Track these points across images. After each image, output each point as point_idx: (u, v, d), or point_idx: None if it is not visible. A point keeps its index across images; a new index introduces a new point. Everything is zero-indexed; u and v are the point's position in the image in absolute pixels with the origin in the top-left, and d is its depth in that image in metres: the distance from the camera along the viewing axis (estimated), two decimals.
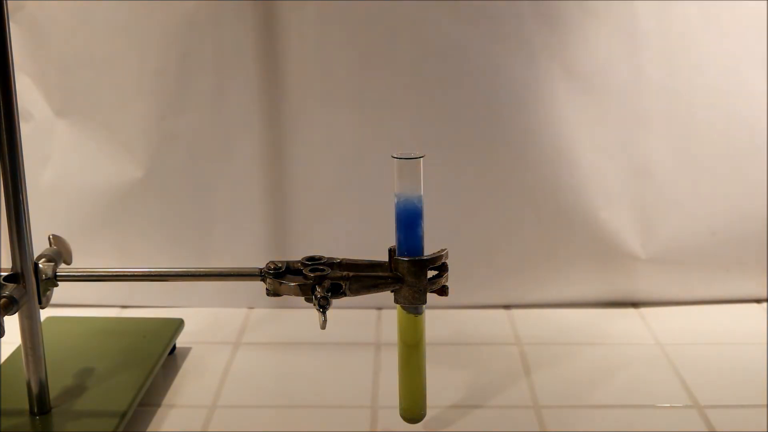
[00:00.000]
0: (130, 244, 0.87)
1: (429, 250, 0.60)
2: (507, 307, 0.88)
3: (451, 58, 0.81)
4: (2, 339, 0.57)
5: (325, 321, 0.58)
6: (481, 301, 0.88)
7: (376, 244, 0.63)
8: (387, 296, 0.61)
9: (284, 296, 0.61)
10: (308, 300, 0.60)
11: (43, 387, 0.63)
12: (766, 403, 0.69)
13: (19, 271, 0.60)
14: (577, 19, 0.81)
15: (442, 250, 0.61)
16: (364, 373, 0.75)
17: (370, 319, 0.85)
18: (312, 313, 0.59)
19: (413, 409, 0.63)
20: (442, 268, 0.61)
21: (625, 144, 0.84)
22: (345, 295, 0.60)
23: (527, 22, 0.81)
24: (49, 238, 0.65)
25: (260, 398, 0.72)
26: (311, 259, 0.61)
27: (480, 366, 0.77)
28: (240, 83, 0.83)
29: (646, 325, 0.84)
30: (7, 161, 0.58)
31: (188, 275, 0.67)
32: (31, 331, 0.62)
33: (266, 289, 0.61)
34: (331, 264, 0.61)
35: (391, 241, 0.61)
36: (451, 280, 0.61)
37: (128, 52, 0.82)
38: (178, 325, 0.78)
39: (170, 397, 0.71)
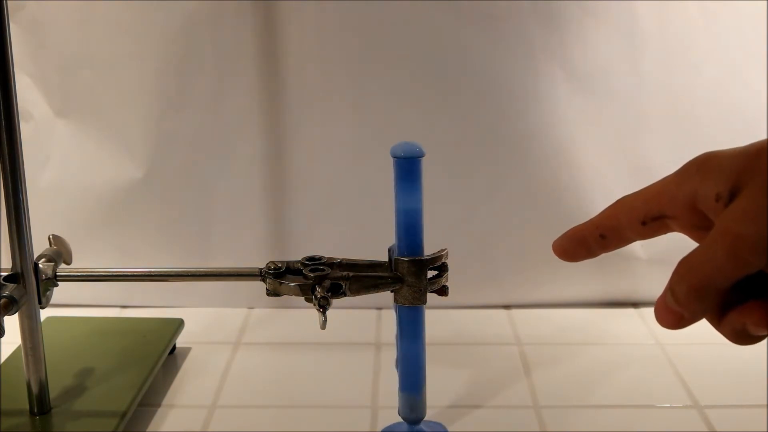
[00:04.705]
0: (130, 244, 0.87)
1: (429, 250, 0.60)
2: (507, 307, 0.88)
3: (451, 58, 0.81)
4: (2, 339, 0.57)
5: (325, 321, 0.58)
6: (481, 301, 0.88)
7: (376, 244, 0.63)
8: (387, 296, 0.61)
9: (284, 296, 0.61)
10: (308, 300, 0.60)
11: (43, 387, 0.63)
12: (766, 403, 0.69)
13: (19, 271, 0.60)
14: (577, 19, 0.81)
15: (442, 250, 0.61)
16: (364, 373, 0.75)
17: (370, 319, 0.85)
18: (312, 313, 0.59)
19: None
20: (442, 268, 0.61)
21: (625, 144, 0.84)
22: (345, 295, 0.60)
23: (527, 22, 0.81)
24: (49, 238, 0.65)
25: (260, 398, 0.72)
26: (311, 259, 0.61)
27: (480, 366, 0.77)
28: (240, 83, 0.83)
29: (646, 325, 0.84)
30: (7, 161, 0.58)
31: (188, 275, 0.67)
32: (31, 331, 0.62)
33: (266, 289, 0.61)
34: (331, 264, 0.61)
35: (391, 241, 0.61)
36: (451, 280, 0.61)
37: (128, 52, 0.82)
38: (178, 325, 0.78)
39: (170, 397, 0.71)
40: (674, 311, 0.37)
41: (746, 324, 0.36)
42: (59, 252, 0.64)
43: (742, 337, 0.37)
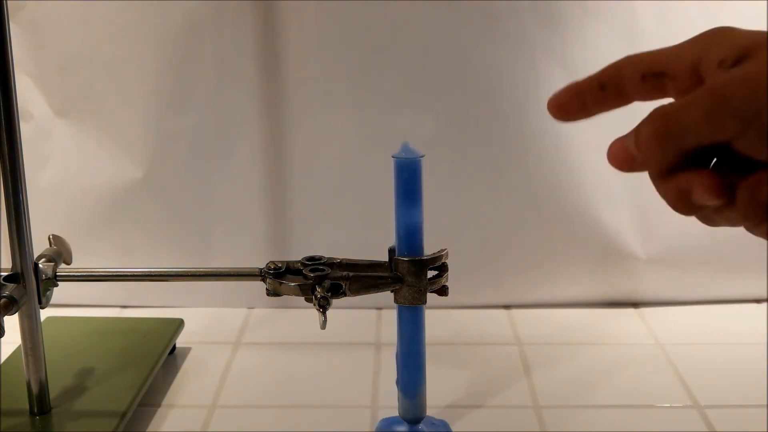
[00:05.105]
0: (130, 244, 0.87)
1: (429, 250, 0.60)
2: (507, 307, 0.88)
3: (451, 58, 0.81)
4: (2, 339, 0.57)
5: (325, 321, 0.58)
6: (481, 301, 0.88)
7: (376, 244, 0.63)
8: (387, 296, 0.61)
9: (284, 296, 0.61)
10: (308, 300, 0.60)
11: (43, 387, 0.63)
12: (766, 403, 0.69)
13: (19, 271, 0.60)
14: (577, 19, 0.81)
15: (442, 250, 0.61)
16: (364, 373, 0.75)
17: (370, 319, 0.85)
18: (312, 313, 0.59)
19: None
20: (442, 268, 0.61)
21: None
22: (345, 295, 0.60)
23: (527, 22, 0.81)
24: (49, 238, 0.65)
25: (260, 398, 0.72)
26: (311, 259, 0.61)
27: (480, 366, 0.77)
28: (240, 83, 0.83)
29: (646, 325, 0.84)
30: (7, 161, 0.58)
31: (188, 275, 0.67)
32: (31, 331, 0.62)
33: (266, 289, 0.61)
34: (331, 264, 0.61)
35: (391, 240, 0.61)
36: (451, 280, 0.61)
37: (128, 52, 0.82)
38: (178, 325, 0.78)
39: (170, 397, 0.71)
40: (628, 152, 0.37)
41: (694, 186, 0.35)
42: (59, 252, 0.64)
43: (684, 202, 0.36)
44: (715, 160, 0.36)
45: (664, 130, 0.35)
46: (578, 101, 0.42)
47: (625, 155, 0.37)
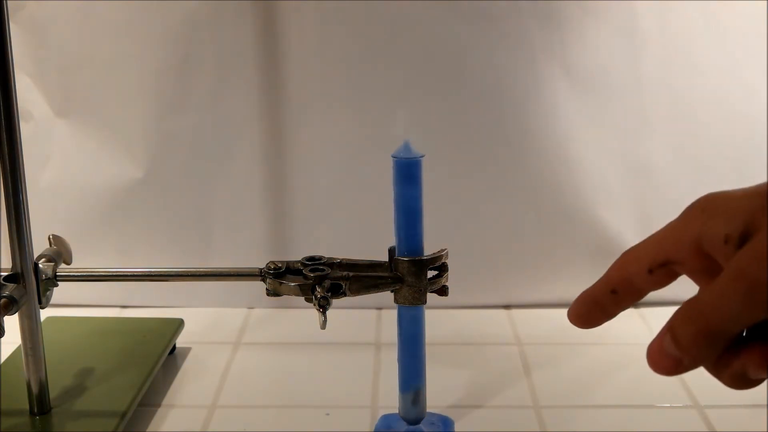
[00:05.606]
0: (130, 244, 0.87)
1: (429, 250, 0.60)
2: (507, 307, 0.88)
3: (451, 58, 0.81)
4: (2, 339, 0.57)
5: (325, 321, 0.58)
6: (481, 301, 0.88)
7: (376, 244, 0.63)
8: (387, 296, 0.61)
9: (284, 296, 0.61)
10: (308, 300, 0.60)
11: (43, 387, 0.63)
12: (766, 403, 0.69)
13: (19, 271, 0.60)
14: (577, 19, 0.81)
15: (442, 250, 0.61)
16: (364, 373, 0.75)
17: (370, 319, 0.85)
18: (312, 313, 0.59)
19: None
20: (442, 268, 0.61)
21: (625, 144, 0.84)
22: (345, 295, 0.60)
23: (527, 22, 0.81)
24: (49, 238, 0.65)
25: (260, 398, 0.72)
26: (311, 259, 0.61)
27: (480, 366, 0.77)
28: (240, 83, 0.83)
29: (646, 325, 0.84)
30: (7, 161, 0.58)
31: (188, 275, 0.67)
32: (31, 331, 0.62)
33: (266, 289, 0.61)
34: (331, 264, 0.61)
35: (391, 241, 0.61)
36: (451, 280, 0.61)
37: (128, 52, 0.82)
38: (178, 325, 0.78)
39: (170, 397, 0.71)
40: (673, 356, 0.36)
41: (747, 367, 0.35)
42: (59, 252, 0.64)
43: (742, 381, 0.36)
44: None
45: (706, 329, 0.34)
46: (596, 309, 0.43)
47: (670, 361, 0.36)
